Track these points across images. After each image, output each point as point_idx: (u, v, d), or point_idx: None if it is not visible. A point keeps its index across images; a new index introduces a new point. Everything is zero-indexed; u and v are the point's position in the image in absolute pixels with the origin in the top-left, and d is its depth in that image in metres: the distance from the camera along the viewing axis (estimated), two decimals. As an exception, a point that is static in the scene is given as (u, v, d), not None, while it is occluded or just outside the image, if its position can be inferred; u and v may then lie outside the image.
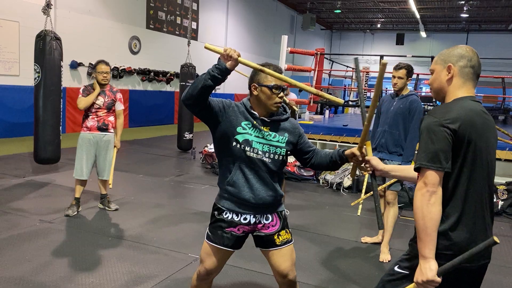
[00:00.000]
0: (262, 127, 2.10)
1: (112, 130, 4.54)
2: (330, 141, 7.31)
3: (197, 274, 2.28)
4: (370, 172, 1.98)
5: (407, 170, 1.98)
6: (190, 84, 1.95)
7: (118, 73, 11.69)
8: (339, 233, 4.36)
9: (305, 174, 6.80)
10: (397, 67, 3.71)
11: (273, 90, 2.04)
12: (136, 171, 6.63)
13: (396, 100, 3.75)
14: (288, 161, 6.78)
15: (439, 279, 1.52)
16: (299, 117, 12.68)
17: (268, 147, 2.10)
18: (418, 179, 1.58)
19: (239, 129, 2.07)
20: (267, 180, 2.10)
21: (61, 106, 5.73)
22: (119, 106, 4.57)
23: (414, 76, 12.37)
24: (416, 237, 1.63)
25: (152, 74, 12.92)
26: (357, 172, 6.26)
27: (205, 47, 1.99)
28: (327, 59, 12.03)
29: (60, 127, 5.71)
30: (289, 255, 2.18)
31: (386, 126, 3.76)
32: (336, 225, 4.63)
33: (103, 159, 4.51)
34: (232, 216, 2.13)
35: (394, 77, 3.72)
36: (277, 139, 2.12)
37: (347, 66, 14.04)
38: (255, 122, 2.09)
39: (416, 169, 1.59)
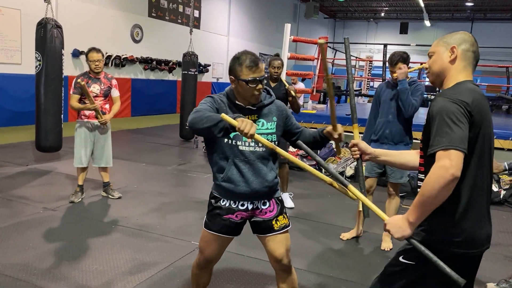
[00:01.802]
0: (248, 117, 2.07)
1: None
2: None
3: (196, 263, 2.29)
4: (358, 156, 1.92)
5: (398, 155, 1.94)
6: (199, 114, 1.87)
7: (120, 62, 11.64)
8: (341, 221, 4.37)
9: (307, 163, 6.79)
10: (393, 62, 3.55)
11: (249, 84, 2.00)
12: (139, 160, 6.64)
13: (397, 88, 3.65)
14: (291, 150, 6.82)
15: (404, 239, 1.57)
16: (302, 107, 12.63)
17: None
18: (439, 160, 1.46)
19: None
20: (262, 171, 2.09)
21: (63, 94, 5.73)
22: (115, 93, 4.55)
23: (418, 64, 12.29)
24: (420, 226, 1.62)
25: (154, 63, 12.87)
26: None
27: (222, 117, 1.82)
28: (330, 47, 11.93)
29: (62, 116, 5.71)
30: (284, 241, 2.19)
31: (390, 116, 3.66)
32: (338, 214, 4.64)
33: (101, 147, 4.53)
34: (230, 203, 2.13)
35: (393, 72, 3.59)
36: (266, 126, 2.11)
37: (351, 55, 13.93)
38: (241, 115, 2.05)
39: (431, 154, 1.50)
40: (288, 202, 4.76)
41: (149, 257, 3.23)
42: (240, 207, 2.13)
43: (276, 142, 2.13)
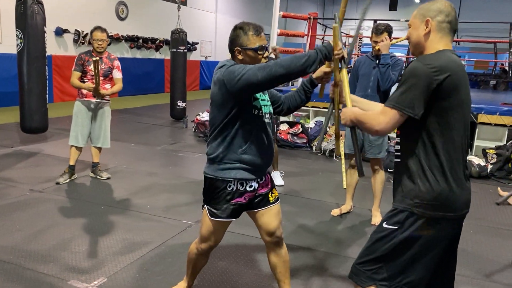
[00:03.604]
0: None
1: (108, 98, 4.44)
2: (323, 108, 7.26)
3: (197, 250, 2.23)
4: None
5: (368, 103, 2.00)
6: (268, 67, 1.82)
7: (106, 40, 11.38)
8: (332, 198, 4.38)
9: (298, 141, 6.78)
10: (378, 32, 3.49)
11: (259, 51, 1.98)
12: (128, 140, 6.56)
13: (378, 62, 3.56)
14: (281, 128, 6.78)
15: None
16: (292, 85, 12.54)
17: (268, 108, 2.10)
18: (382, 113, 1.62)
19: (256, 94, 2.01)
20: (271, 140, 2.12)
21: (47, 74, 5.59)
22: (117, 74, 4.45)
23: (406, 41, 12.24)
24: (402, 192, 1.70)
25: (140, 41, 12.61)
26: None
27: (334, 27, 1.95)
28: (320, 23, 11.76)
29: (47, 96, 5.58)
30: (278, 213, 2.20)
31: (369, 90, 3.60)
32: (328, 191, 4.66)
33: (98, 126, 4.44)
34: (237, 186, 2.05)
35: (376, 42, 3.51)
36: (265, 98, 2.12)
37: (340, 32, 13.81)
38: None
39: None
40: (278, 180, 4.75)
41: (140, 237, 3.21)
42: (248, 189, 2.07)
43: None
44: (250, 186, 2.08)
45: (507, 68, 13.49)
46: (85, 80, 4.28)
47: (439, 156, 1.60)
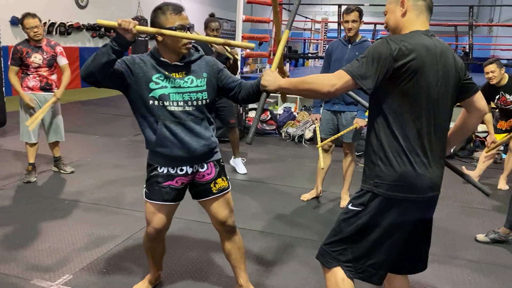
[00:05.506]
0: (176, 75, 1.97)
1: (56, 90, 4.21)
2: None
3: (147, 236, 2.23)
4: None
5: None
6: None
7: (66, 30, 10.96)
8: (302, 183, 4.40)
9: (267, 128, 6.76)
10: (349, 11, 3.51)
11: (178, 32, 1.89)
12: (91, 132, 6.36)
13: (350, 47, 3.57)
14: (250, 116, 6.74)
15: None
16: (260, 71, 12.49)
17: (188, 95, 1.98)
18: (335, 75, 1.59)
19: (152, 85, 1.94)
20: (196, 130, 2.01)
21: (3, 66, 5.33)
22: (62, 61, 4.17)
23: (371, 26, 12.41)
24: (364, 174, 1.71)
25: (102, 29, 12.21)
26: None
27: (98, 23, 1.86)
28: (285, 9, 11.73)
29: (4, 89, 5.33)
30: (227, 203, 2.16)
31: None
32: (298, 176, 4.68)
33: (49, 122, 4.23)
34: (168, 169, 2.05)
35: (347, 22, 3.52)
36: (195, 83, 2.00)
37: (306, 17, 13.82)
38: (166, 73, 1.96)
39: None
40: (241, 168, 4.67)
41: (107, 231, 3.12)
42: (179, 172, 2.06)
43: (207, 100, 2.02)
44: (181, 170, 2.06)
45: (468, 51, 13.87)
46: (29, 73, 4.05)
47: (398, 139, 1.60)
